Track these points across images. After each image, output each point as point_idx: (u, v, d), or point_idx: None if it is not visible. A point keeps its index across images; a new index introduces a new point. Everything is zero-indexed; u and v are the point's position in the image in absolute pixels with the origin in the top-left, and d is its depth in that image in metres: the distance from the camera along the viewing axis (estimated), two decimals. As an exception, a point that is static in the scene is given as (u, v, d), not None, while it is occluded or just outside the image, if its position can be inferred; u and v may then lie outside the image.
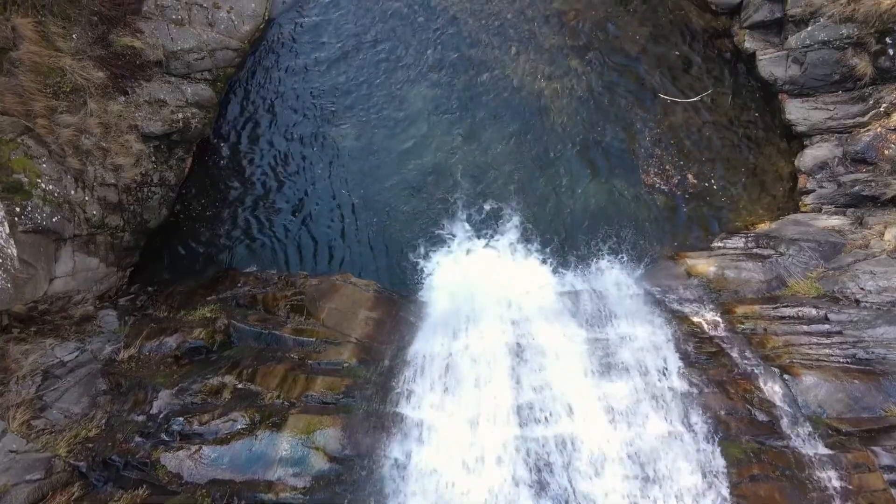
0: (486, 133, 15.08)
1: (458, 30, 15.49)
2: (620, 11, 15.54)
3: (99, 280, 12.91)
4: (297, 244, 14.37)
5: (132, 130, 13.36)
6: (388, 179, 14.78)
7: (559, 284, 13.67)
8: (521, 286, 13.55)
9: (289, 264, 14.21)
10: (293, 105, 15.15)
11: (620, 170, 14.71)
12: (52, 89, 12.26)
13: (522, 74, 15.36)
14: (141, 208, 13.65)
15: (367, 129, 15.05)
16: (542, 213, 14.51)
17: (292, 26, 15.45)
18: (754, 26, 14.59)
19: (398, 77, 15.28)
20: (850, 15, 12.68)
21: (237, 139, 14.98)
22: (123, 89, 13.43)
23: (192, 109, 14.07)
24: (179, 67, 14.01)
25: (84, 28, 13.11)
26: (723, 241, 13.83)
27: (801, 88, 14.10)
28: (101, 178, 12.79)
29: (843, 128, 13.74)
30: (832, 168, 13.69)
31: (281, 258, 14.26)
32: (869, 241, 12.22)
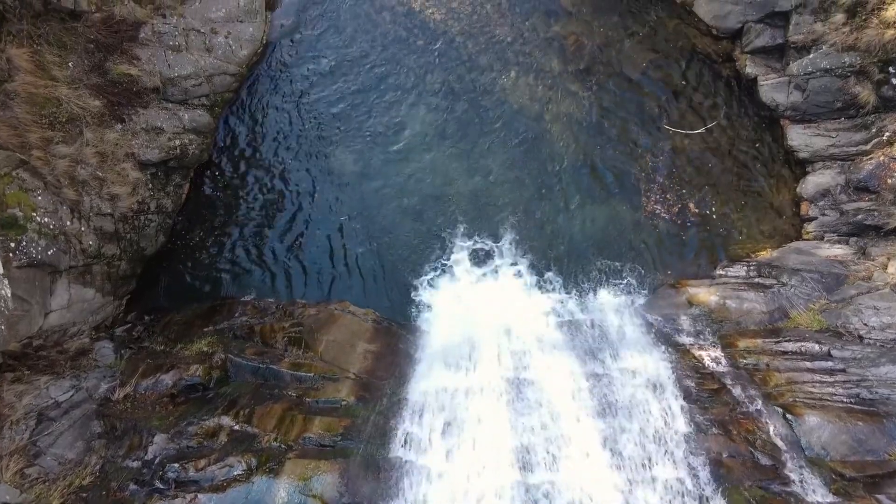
0: (485, 157, 14.97)
1: (457, 53, 15.38)
2: (621, 35, 15.44)
3: (95, 311, 12.80)
4: (296, 270, 14.24)
5: (129, 158, 13.26)
6: (387, 204, 14.67)
7: (559, 312, 13.57)
8: (521, 314, 13.47)
9: (287, 291, 14.09)
10: (291, 129, 15.04)
11: (621, 194, 14.60)
12: (47, 120, 12.15)
13: (522, 98, 15.26)
14: (138, 236, 13.53)
15: (365, 153, 14.94)
16: (542, 238, 14.40)
17: (290, 50, 15.34)
18: (755, 51, 14.49)
19: (397, 101, 15.17)
20: (853, 44, 12.58)
21: (235, 164, 14.87)
22: (120, 117, 13.32)
23: (189, 136, 13.96)
24: (177, 94, 13.90)
25: (80, 56, 13.00)
26: (724, 269, 13.72)
27: (803, 115, 14.00)
28: (97, 207, 12.68)
29: (845, 155, 13.64)
30: (834, 196, 13.59)
31: (279, 285, 14.14)
32: (872, 272, 12.12)
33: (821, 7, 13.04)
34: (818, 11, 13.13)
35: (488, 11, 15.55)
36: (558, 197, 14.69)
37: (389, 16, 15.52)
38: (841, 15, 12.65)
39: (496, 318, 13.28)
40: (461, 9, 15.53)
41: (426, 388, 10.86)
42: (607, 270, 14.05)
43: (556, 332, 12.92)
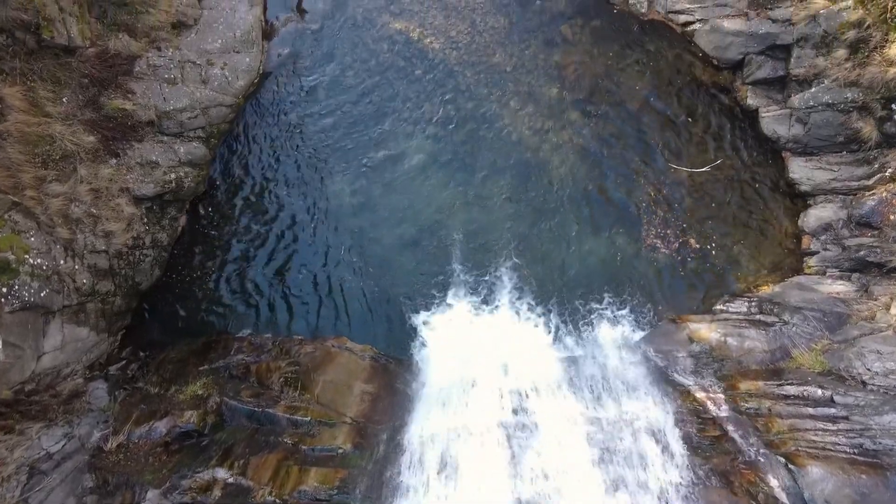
0: (484, 188, 14.84)
1: (455, 83, 15.25)
2: (621, 64, 15.30)
3: (89, 349, 12.65)
4: (293, 303, 14.10)
5: (124, 193, 13.12)
6: (384, 236, 14.53)
7: (558, 348, 13.44)
8: (519, 350, 13.33)
9: (284, 325, 13.96)
10: (288, 159, 14.90)
11: (621, 226, 14.46)
12: (41, 158, 12.01)
13: (521, 128, 15.13)
14: (133, 271, 13.39)
15: (363, 184, 14.80)
16: (541, 271, 14.26)
17: (287, 80, 15.20)
18: (757, 83, 14.36)
19: (395, 130, 15.03)
20: (855, 80, 12.45)
21: (231, 195, 14.72)
22: (115, 152, 13.18)
23: (185, 168, 13.82)
24: (172, 127, 13.75)
25: (74, 91, 12.86)
26: (725, 304, 13.59)
27: (805, 147, 13.87)
28: (91, 245, 12.54)
29: (847, 189, 13.51)
30: (836, 230, 13.46)
31: (275, 318, 14.00)
32: (875, 313, 11.98)
33: (822, 42, 12.91)
34: (820, 46, 13.00)
35: (487, 40, 15.41)
36: (558, 228, 14.55)
37: (387, 45, 15.38)
38: (843, 50, 12.52)
39: (494, 354, 13.15)
40: (460, 38, 15.39)
41: (423, 435, 10.71)
42: (607, 304, 13.92)
43: (555, 370, 12.78)
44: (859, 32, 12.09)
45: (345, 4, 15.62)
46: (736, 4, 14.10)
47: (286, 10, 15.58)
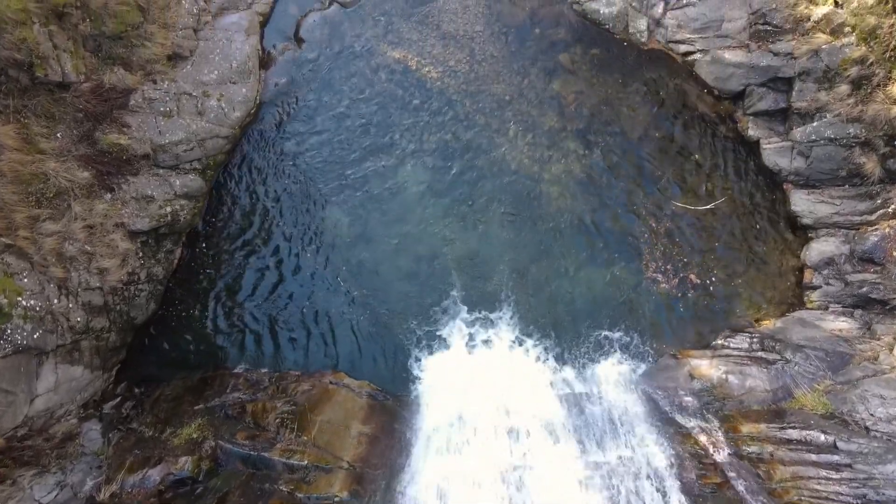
0: (482, 218, 14.70)
1: (454, 112, 15.11)
2: (621, 93, 15.17)
3: (83, 388, 12.51)
4: (289, 337, 13.96)
5: (118, 229, 12.98)
6: (382, 268, 14.39)
7: (558, 385, 13.29)
8: (519, 386, 13.19)
9: (280, 359, 13.81)
10: (285, 190, 14.75)
11: (621, 257, 14.32)
12: (34, 197, 11.87)
13: (520, 157, 14.99)
14: (128, 307, 13.25)
15: (360, 214, 14.66)
16: (541, 304, 14.12)
17: (284, 110, 15.06)
18: (758, 114, 14.24)
19: (393, 161, 14.89)
20: (858, 116, 12.33)
21: (228, 227, 14.58)
22: (109, 186, 13.05)
23: (180, 201, 13.68)
24: (168, 160, 13.62)
25: (69, 126, 12.73)
26: (726, 339, 13.45)
27: (807, 180, 13.75)
28: (85, 282, 12.40)
29: (849, 224, 13.38)
30: (839, 265, 13.33)
31: (272, 352, 13.85)
32: (878, 353, 11.85)
33: (824, 76, 12.78)
34: (822, 80, 12.87)
35: (486, 69, 15.28)
36: (557, 259, 14.41)
37: (385, 74, 15.25)
38: (846, 86, 12.40)
39: (493, 391, 13.02)
40: (458, 67, 15.26)
41: (421, 481, 10.57)
42: (607, 338, 13.78)
43: (554, 409, 12.65)
44: (862, 69, 11.97)
45: (342, 33, 15.49)
46: (737, 36, 13.97)
47: (283, 38, 15.44)
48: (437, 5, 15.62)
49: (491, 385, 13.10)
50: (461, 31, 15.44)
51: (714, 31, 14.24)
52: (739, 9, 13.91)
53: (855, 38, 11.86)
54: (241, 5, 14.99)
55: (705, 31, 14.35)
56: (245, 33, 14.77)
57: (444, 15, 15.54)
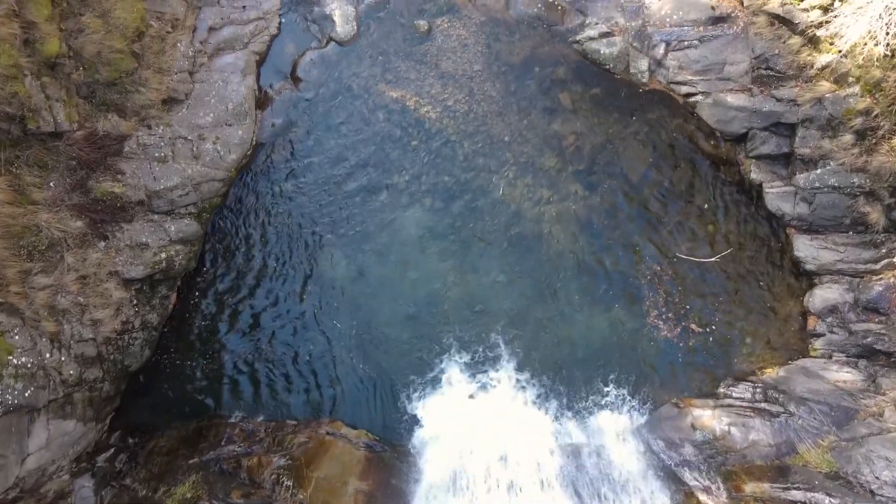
0: (482, 260, 14.52)
1: (453, 153, 14.93)
2: (622, 133, 14.98)
3: (76, 441, 12.31)
4: (286, 383, 13.78)
5: (112, 277, 12.80)
6: (380, 311, 14.21)
7: (558, 435, 13.11)
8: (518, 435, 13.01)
9: (277, 406, 13.63)
10: (281, 231, 14.57)
11: (622, 300, 14.14)
12: (26, 251, 11.70)
13: (520, 198, 14.80)
14: (122, 355, 13.06)
15: (358, 256, 14.48)
16: (540, 349, 13.94)
17: (281, 150, 14.87)
18: (760, 157, 14.06)
19: (391, 202, 14.71)
20: (862, 166, 12.15)
21: (224, 270, 14.39)
22: (103, 234, 12.87)
23: (175, 247, 13.50)
24: (162, 205, 13.44)
25: (62, 174, 12.56)
26: (728, 387, 13.27)
27: (810, 226, 13.57)
28: (78, 335, 12.21)
29: (853, 272, 13.20)
30: (843, 314, 13.14)
31: (269, 398, 13.68)
32: (883, 409, 11.66)
33: (828, 124, 12.61)
34: (825, 128, 12.70)
35: (485, 109, 15.10)
36: (557, 302, 14.23)
37: (383, 114, 15.06)
38: (850, 136, 12.22)
39: (493, 441, 12.85)
40: (457, 107, 15.08)
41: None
42: (608, 384, 13.61)
43: (554, 460, 12.49)
44: (867, 121, 11.80)
45: (340, 72, 15.30)
46: (739, 79, 13.79)
47: (280, 77, 15.25)
48: (436, 44, 15.44)
49: (490, 435, 12.93)
50: (460, 71, 15.26)
51: (716, 73, 14.06)
52: (742, 52, 13.72)
53: (859, 88, 11.68)
54: (237, 45, 14.80)
55: (707, 74, 14.17)
56: (241, 74, 14.58)
57: (442, 54, 15.36)
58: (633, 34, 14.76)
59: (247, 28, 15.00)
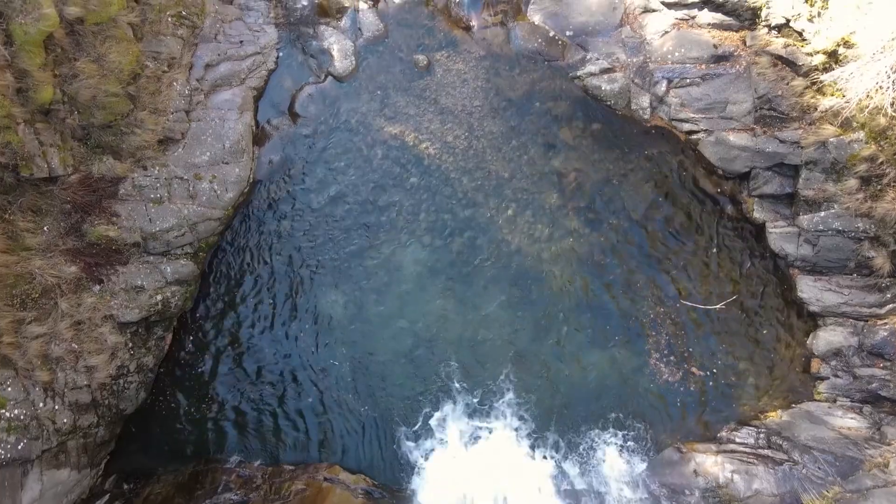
0: (481, 299, 14.36)
1: (452, 190, 14.77)
2: (623, 169, 14.82)
3: (70, 489, 12.16)
4: (283, 424, 13.63)
5: (107, 321, 12.63)
6: (378, 351, 14.05)
7: (558, 479, 12.96)
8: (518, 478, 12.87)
9: (274, 449, 13.47)
10: (278, 270, 14.40)
11: (623, 340, 13.98)
12: (19, 300, 11.55)
13: (520, 236, 14.64)
14: (117, 399, 12.90)
15: (356, 295, 14.31)
16: (541, 390, 13.78)
17: (278, 188, 14.71)
18: (764, 196, 13.90)
19: (389, 240, 14.55)
20: (867, 212, 11.99)
21: (220, 309, 14.23)
22: (98, 278, 12.71)
23: (172, 288, 13.33)
24: (158, 247, 13.28)
25: (56, 218, 12.40)
26: (731, 432, 13.11)
27: (814, 267, 13.42)
28: (72, 382, 12.05)
29: (858, 315, 13.04)
30: (847, 357, 12.99)
31: (266, 441, 13.52)
32: (888, 460, 11.48)
33: (832, 168, 12.45)
34: (829, 171, 12.54)
35: (484, 145, 14.94)
36: (557, 342, 14.07)
37: (382, 150, 14.91)
38: (854, 181, 12.07)
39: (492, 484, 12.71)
40: (456, 143, 14.92)
41: None
42: (609, 427, 13.46)
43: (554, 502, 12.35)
44: (872, 167, 11.63)
45: (338, 107, 15.15)
46: (742, 119, 13.63)
47: (278, 113, 15.10)
48: (435, 79, 15.29)
49: (490, 477, 12.79)
50: (459, 106, 15.10)
51: (718, 112, 13.90)
52: (744, 92, 13.56)
53: (865, 135, 11.52)
54: (234, 81, 14.65)
55: (709, 112, 14.00)
56: (238, 110, 14.41)
57: (441, 89, 15.21)
58: (635, 70, 14.61)
59: (244, 63, 14.85)
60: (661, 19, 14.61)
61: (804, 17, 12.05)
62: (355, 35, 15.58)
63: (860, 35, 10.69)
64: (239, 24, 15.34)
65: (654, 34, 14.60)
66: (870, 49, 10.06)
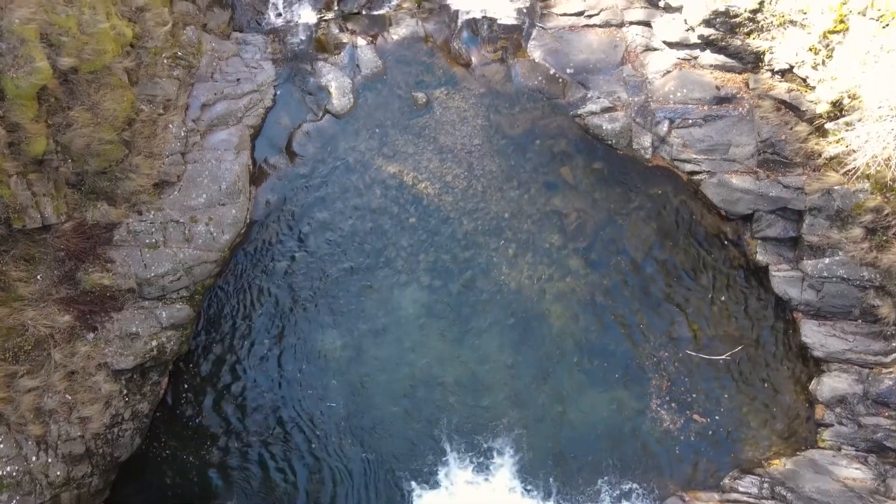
0: (481, 341, 14.18)
1: (451, 230, 14.60)
2: (625, 209, 14.63)
3: (63, 544, 11.99)
4: (279, 470, 13.46)
5: (101, 369, 12.48)
6: (376, 395, 13.88)
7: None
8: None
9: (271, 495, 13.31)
10: (275, 311, 14.23)
11: (624, 384, 13.79)
12: (11, 353, 11.40)
13: (520, 277, 14.46)
14: (111, 448, 12.76)
15: (353, 336, 14.14)
16: (541, 434, 13.61)
17: (275, 228, 14.52)
18: (767, 239, 13.70)
19: (388, 281, 14.37)
20: (873, 262, 11.81)
21: (217, 349, 14.06)
22: (92, 325, 12.55)
23: (167, 333, 13.17)
24: (153, 292, 13.12)
25: (49, 266, 12.25)
26: (734, 480, 12.93)
27: (818, 311, 13.22)
28: (66, 434, 11.90)
29: (863, 362, 12.84)
30: (852, 405, 12.80)
31: (262, 488, 13.35)
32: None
33: (837, 216, 12.27)
34: (834, 219, 12.36)
35: (484, 185, 14.77)
36: (558, 385, 13.90)
37: (380, 190, 14.74)
38: (859, 230, 11.89)
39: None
40: (456, 182, 14.75)
41: None
42: (610, 472, 13.28)
43: (555, 561, 12.16)
44: (878, 218, 11.45)
45: (336, 146, 14.98)
46: (745, 162, 13.46)
47: (275, 151, 14.93)
48: (434, 116, 15.12)
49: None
50: (459, 144, 14.94)
51: (721, 153, 13.73)
52: (747, 135, 13.39)
53: (870, 185, 11.34)
54: (231, 120, 14.49)
55: (712, 153, 13.83)
56: (235, 150, 14.24)
57: (441, 127, 15.04)
58: (636, 109, 14.44)
59: (241, 102, 14.69)
60: (663, 59, 14.43)
61: (808, 64, 11.87)
62: (353, 72, 15.41)
63: (865, 90, 10.51)
64: (236, 61, 15.18)
65: (656, 73, 14.43)
66: (876, 106, 9.88)
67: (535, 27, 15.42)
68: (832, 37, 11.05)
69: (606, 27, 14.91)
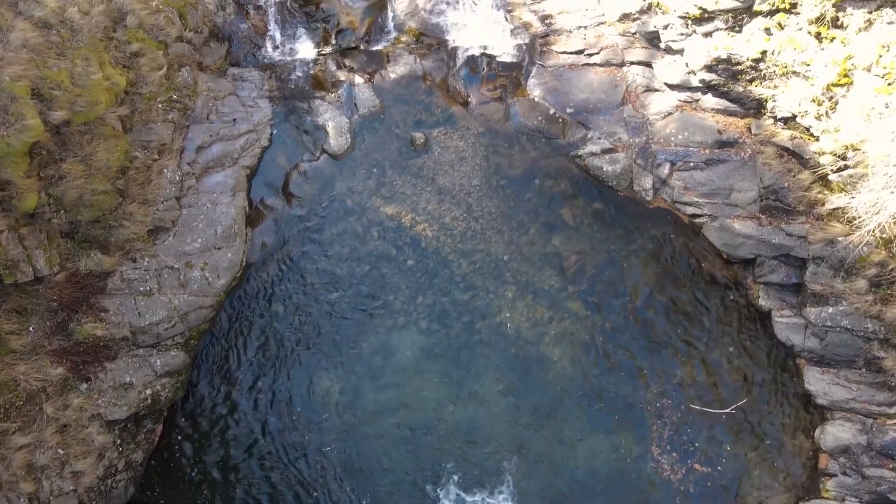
0: (480, 385, 14.01)
1: (450, 273, 14.43)
2: (625, 251, 14.47)
3: None
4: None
5: (94, 420, 12.30)
6: (373, 440, 13.70)
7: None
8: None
9: (267, 546, 13.15)
10: (272, 353, 14.05)
11: (625, 431, 13.61)
12: (2, 410, 11.20)
13: (520, 319, 14.29)
14: (105, 500, 12.55)
15: (351, 381, 13.97)
16: (539, 479, 13.43)
17: (271, 271, 14.35)
18: (769, 284, 13.53)
19: (386, 324, 14.21)
20: (877, 314, 11.64)
21: (212, 394, 13.88)
22: (85, 376, 12.38)
23: (162, 381, 13.00)
24: (148, 340, 12.96)
25: (42, 317, 12.07)
26: (738, 531, 12.73)
27: (822, 359, 13.05)
28: (58, 489, 11.72)
29: (867, 412, 12.67)
30: (856, 456, 12.62)
31: (258, 537, 13.18)
32: (899, 575, 11.12)
33: (841, 266, 12.10)
34: (838, 269, 12.19)
35: (483, 226, 14.61)
36: (557, 430, 13.73)
37: (378, 231, 14.57)
38: (864, 282, 11.71)
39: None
40: (454, 224, 14.59)
41: None
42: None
43: None
44: (882, 272, 11.28)
45: (333, 186, 14.81)
46: (747, 207, 13.29)
47: (272, 192, 14.75)
48: (433, 157, 14.96)
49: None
50: (457, 185, 14.77)
51: (723, 198, 13.57)
52: (749, 181, 13.23)
53: (874, 239, 11.16)
54: (227, 162, 14.31)
55: (713, 197, 13.67)
56: (231, 192, 14.08)
57: (439, 167, 14.88)
58: (637, 151, 14.28)
59: (237, 143, 14.52)
60: (664, 100, 14.27)
61: (811, 114, 11.70)
62: (351, 110, 15.24)
63: (870, 145, 10.35)
64: (232, 100, 15.00)
65: (657, 115, 14.27)
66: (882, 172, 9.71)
67: (534, 65, 15.26)
68: (836, 90, 10.91)
69: (607, 66, 14.74)
